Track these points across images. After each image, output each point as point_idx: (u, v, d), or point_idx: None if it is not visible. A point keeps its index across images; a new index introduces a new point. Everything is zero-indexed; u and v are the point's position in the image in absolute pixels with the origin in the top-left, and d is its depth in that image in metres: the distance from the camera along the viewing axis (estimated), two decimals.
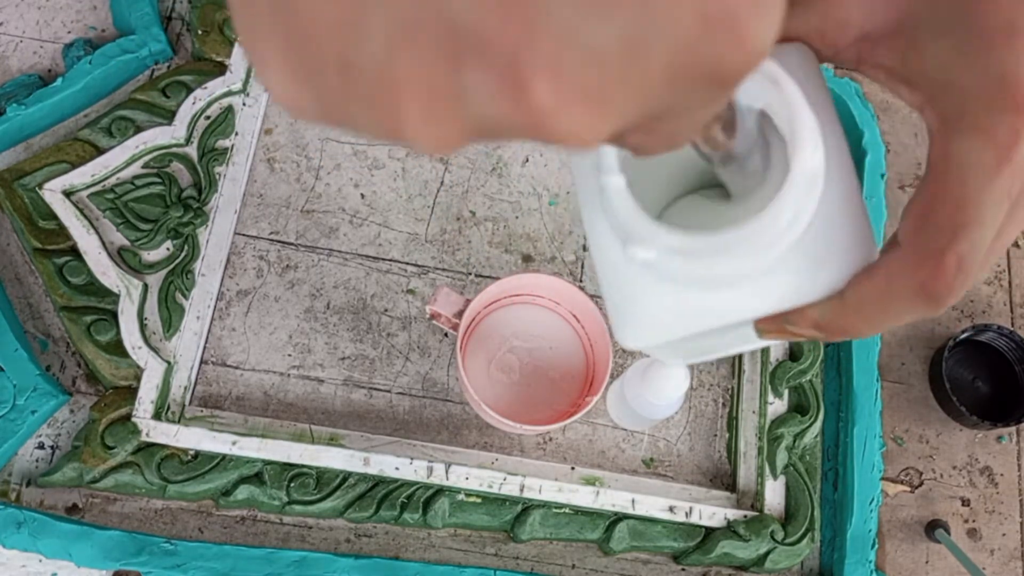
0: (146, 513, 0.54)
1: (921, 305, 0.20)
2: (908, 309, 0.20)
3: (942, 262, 0.19)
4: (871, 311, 0.21)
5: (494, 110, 0.13)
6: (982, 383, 0.63)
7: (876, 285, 0.21)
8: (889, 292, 0.20)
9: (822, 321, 0.22)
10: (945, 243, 0.19)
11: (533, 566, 0.55)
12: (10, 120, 0.58)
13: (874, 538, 0.56)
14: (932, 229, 0.19)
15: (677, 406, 0.53)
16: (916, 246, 0.20)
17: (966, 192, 0.19)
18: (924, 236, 0.20)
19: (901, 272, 0.20)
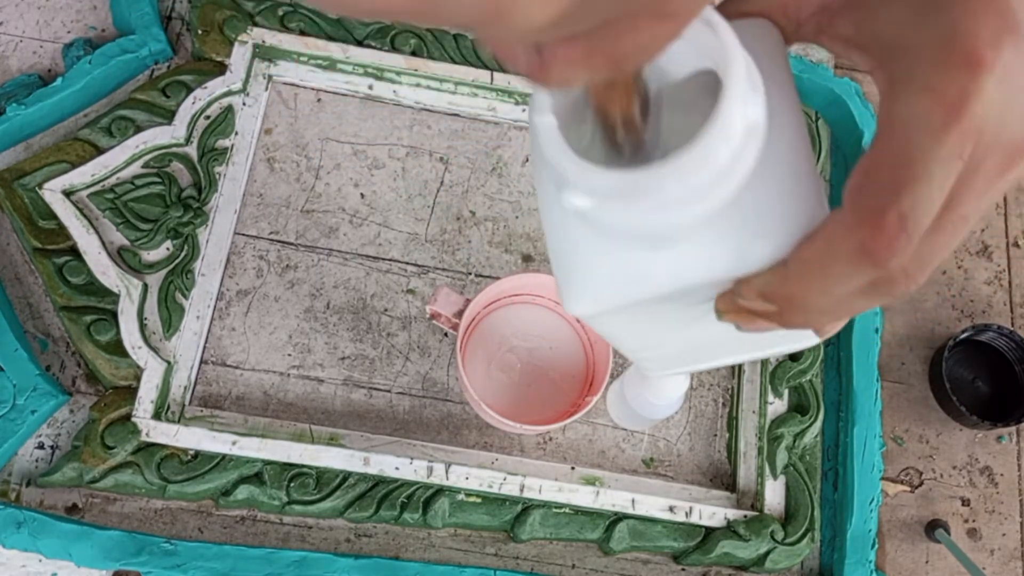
0: (146, 513, 0.54)
1: (863, 267, 0.19)
2: (851, 272, 0.19)
3: (882, 219, 0.18)
4: (813, 277, 0.20)
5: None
6: (982, 383, 0.63)
7: (816, 248, 0.20)
8: (829, 254, 0.20)
9: (767, 290, 0.21)
10: (886, 200, 0.18)
11: (533, 566, 0.55)
12: (10, 120, 0.58)
13: (874, 538, 0.56)
14: (873, 187, 0.19)
15: (677, 406, 0.53)
16: (856, 205, 0.19)
17: (910, 149, 0.18)
18: (864, 194, 0.19)
19: (841, 233, 0.19)
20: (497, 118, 0.64)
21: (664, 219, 0.20)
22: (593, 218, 0.21)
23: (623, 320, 0.25)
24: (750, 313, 0.22)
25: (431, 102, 0.64)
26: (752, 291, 0.21)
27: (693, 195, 0.19)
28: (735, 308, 0.22)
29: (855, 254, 0.19)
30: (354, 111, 0.64)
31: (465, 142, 0.64)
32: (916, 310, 0.64)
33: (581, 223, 0.22)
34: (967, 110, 0.17)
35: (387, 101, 0.64)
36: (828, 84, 0.65)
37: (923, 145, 0.18)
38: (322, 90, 0.64)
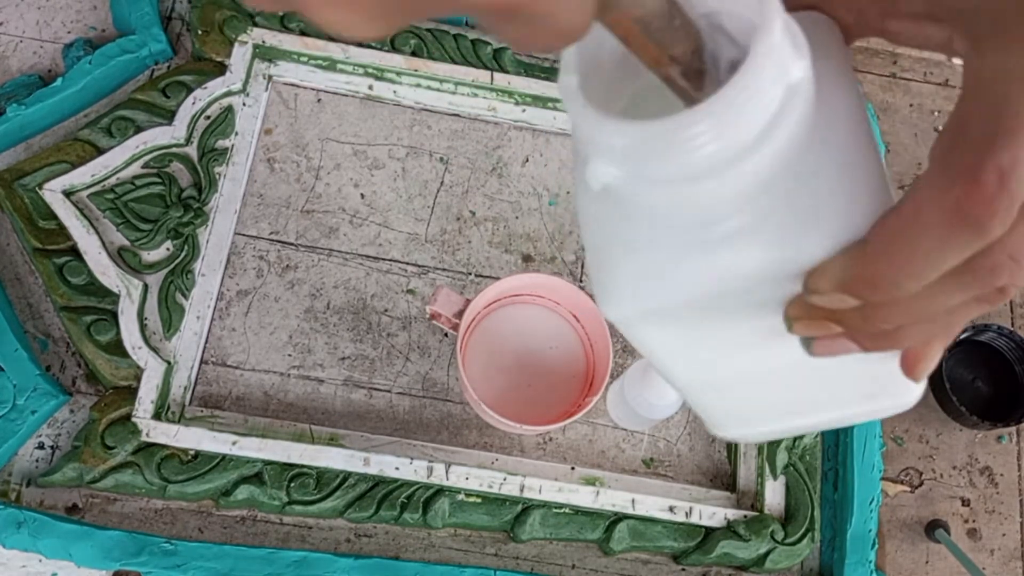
0: (146, 513, 0.54)
1: (961, 232, 0.16)
2: (947, 242, 0.16)
3: (979, 175, 0.16)
4: (902, 253, 0.17)
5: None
6: (982, 383, 0.63)
7: (903, 218, 0.17)
8: (919, 223, 0.17)
9: (846, 275, 0.18)
10: (981, 155, 0.16)
11: (533, 566, 0.55)
12: (10, 120, 0.58)
13: (874, 538, 0.56)
14: (965, 144, 0.16)
15: (677, 406, 0.53)
16: (947, 165, 0.16)
17: (1005, 101, 0.16)
18: (956, 153, 0.16)
19: (931, 197, 0.17)
20: (497, 118, 0.64)
21: (698, 186, 0.18)
22: (621, 194, 0.19)
23: (672, 333, 0.22)
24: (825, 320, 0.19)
25: (431, 102, 0.64)
26: (827, 280, 0.18)
27: (728, 152, 0.17)
28: (807, 312, 0.20)
29: (950, 217, 0.16)
30: (354, 111, 0.64)
31: (465, 142, 0.64)
32: None
33: (612, 209, 0.20)
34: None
35: (387, 101, 0.64)
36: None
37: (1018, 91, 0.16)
38: (322, 90, 0.64)
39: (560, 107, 0.64)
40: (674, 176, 0.18)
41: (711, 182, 0.18)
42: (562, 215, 0.63)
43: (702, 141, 0.17)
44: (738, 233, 0.18)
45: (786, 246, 0.18)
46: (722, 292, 0.19)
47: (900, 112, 0.70)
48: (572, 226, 0.63)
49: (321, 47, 0.62)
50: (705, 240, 0.19)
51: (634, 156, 0.18)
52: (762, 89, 0.17)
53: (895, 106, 0.70)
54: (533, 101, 0.64)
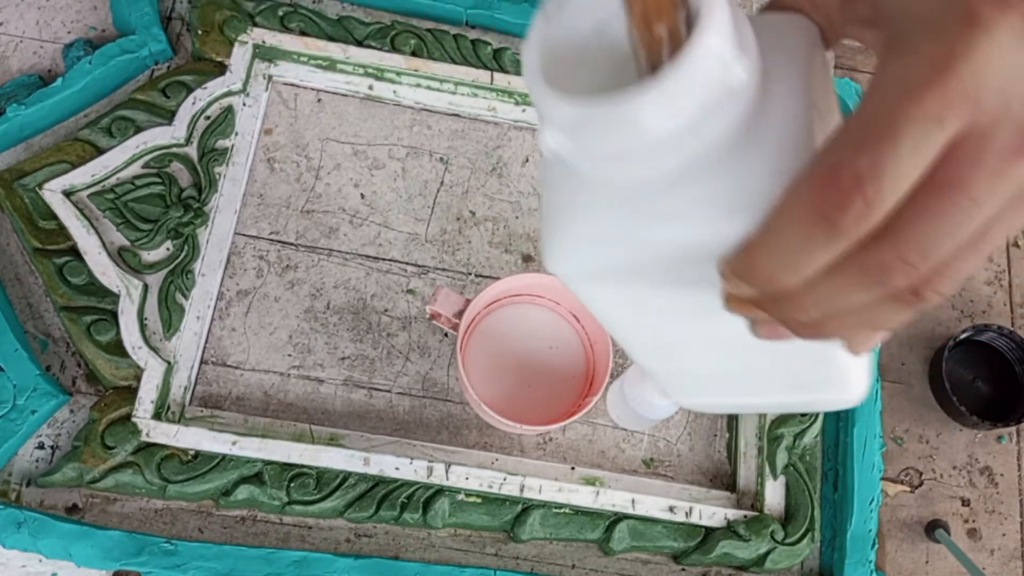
0: (146, 513, 0.54)
1: (816, 229, 0.17)
2: (807, 238, 0.17)
3: (837, 176, 0.16)
4: (770, 245, 0.18)
5: None
6: (982, 383, 0.63)
7: (774, 212, 0.18)
8: (784, 217, 0.18)
9: (735, 266, 0.19)
10: (845, 156, 0.16)
11: (533, 566, 0.55)
12: (10, 120, 0.58)
13: (874, 538, 0.56)
14: (839, 143, 0.17)
15: (677, 406, 0.52)
16: (818, 164, 0.17)
17: (880, 109, 0.16)
18: (829, 151, 0.17)
19: (798, 192, 0.17)
20: (497, 118, 0.64)
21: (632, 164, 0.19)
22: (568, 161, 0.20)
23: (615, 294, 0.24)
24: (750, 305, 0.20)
25: (431, 102, 0.64)
26: (724, 265, 0.20)
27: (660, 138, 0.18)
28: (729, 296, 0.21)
29: (807, 213, 0.17)
30: (354, 111, 0.64)
31: (465, 142, 0.64)
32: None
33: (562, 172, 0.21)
34: (952, 71, 0.16)
35: (387, 101, 0.64)
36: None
37: (895, 104, 0.16)
38: (322, 90, 0.64)
39: None
40: (611, 152, 0.19)
41: (644, 162, 0.19)
42: None
43: (634, 125, 0.18)
44: (669, 211, 0.20)
45: (705, 228, 0.19)
46: (658, 262, 0.21)
47: None
48: None
49: (321, 47, 0.62)
50: (641, 212, 0.20)
51: (576, 130, 0.19)
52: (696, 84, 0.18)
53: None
54: None
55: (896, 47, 0.17)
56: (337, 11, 0.65)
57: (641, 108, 0.18)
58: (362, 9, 0.65)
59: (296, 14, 0.63)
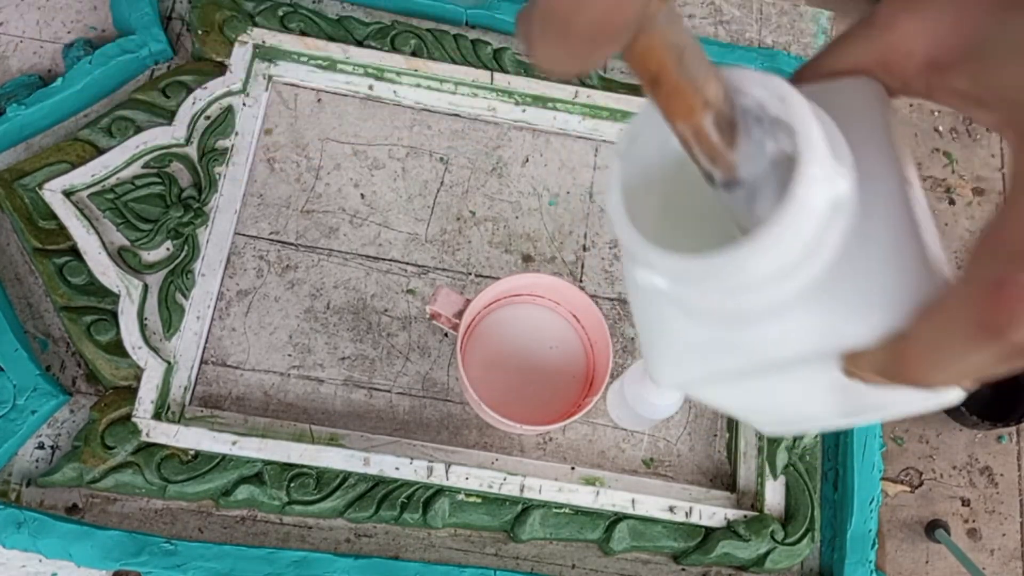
0: (146, 513, 0.54)
1: (984, 342, 0.17)
2: (971, 348, 0.17)
3: (1000, 291, 0.16)
4: (930, 354, 0.18)
5: None
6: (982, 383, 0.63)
7: (934, 323, 0.18)
8: (947, 330, 0.18)
9: (883, 368, 0.19)
10: (1005, 270, 0.16)
11: (533, 566, 0.55)
12: (10, 120, 0.58)
13: (874, 538, 0.56)
14: (993, 255, 0.17)
15: (677, 406, 0.53)
16: (975, 275, 0.17)
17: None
18: (984, 263, 0.17)
19: (958, 305, 0.17)
20: (497, 118, 0.64)
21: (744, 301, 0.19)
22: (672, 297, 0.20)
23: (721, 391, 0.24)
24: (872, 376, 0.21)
25: (431, 102, 0.64)
26: (864, 367, 0.20)
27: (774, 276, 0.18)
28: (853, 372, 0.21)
29: (973, 328, 0.17)
30: (354, 111, 0.64)
31: (465, 142, 0.64)
32: None
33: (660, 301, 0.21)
34: None
35: (387, 101, 0.64)
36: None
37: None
38: (322, 90, 0.64)
39: (560, 107, 0.64)
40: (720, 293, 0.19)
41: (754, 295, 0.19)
42: (562, 215, 0.63)
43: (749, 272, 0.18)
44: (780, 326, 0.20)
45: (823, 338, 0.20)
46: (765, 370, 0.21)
47: (900, 112, 0.71)
48: (572, 226, 0.63)
49: (321, 47, 0.62)
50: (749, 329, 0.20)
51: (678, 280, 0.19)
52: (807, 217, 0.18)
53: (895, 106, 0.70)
54: (533, 101, 0.64)
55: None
56: (337, 11, 0.65)
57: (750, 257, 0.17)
58: (362, 9, 0.65)
59: (296, 14, 0.63)
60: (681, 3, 0.71)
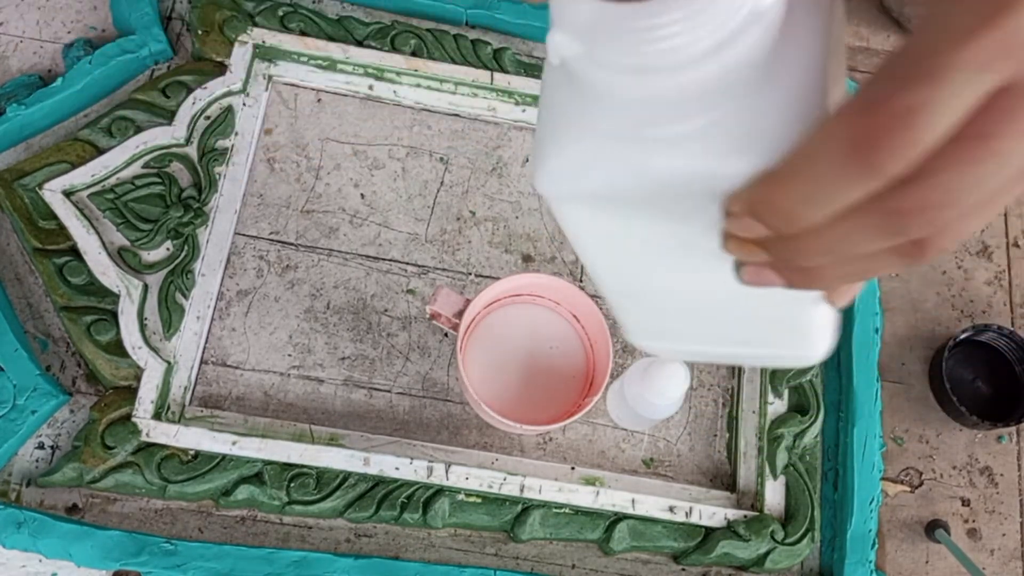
0: (146, 513, 0.54)
1: (852, 164, 0.16)
2: (841, 173, 0.17)
3: (879, 111, 0.16)
4: (799, 179, 0.17)
5: None
6: (982, 383, 0.63)
7: (808, 145, 0.17)
8: (819, 151, 0.17)
9: (753, 201, 0.19)
10: (889, 92, 0.16)
11: (533, 566, 0.55)
12: (10, 120, 0.58)
13: (874, 538, 0.56)
14: (883, 79, 0.16)
15: (677, 406, 0.53)
16: (858, 98, 0.17)
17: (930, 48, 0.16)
18: (870, 88, 0.17)
19: (836, 127, 0.17)
20: (497, 118, 0.64)
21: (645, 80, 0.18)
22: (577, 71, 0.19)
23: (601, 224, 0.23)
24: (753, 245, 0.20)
25: (431, 102, 0.64)
26: (738, 201, 0.19)
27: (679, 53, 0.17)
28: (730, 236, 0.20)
29: (846, 147, 0.16)
30: (354, 111, 0.64)
31: (465, 142, 0.64)
32: (916, 310, 0.64)
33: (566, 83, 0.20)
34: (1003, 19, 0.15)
35: (387, 101, 0.64)
36: None
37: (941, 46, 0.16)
38: (322, 90, 0.64)
39: None
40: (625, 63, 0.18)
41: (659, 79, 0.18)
42: None
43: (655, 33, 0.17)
44: (676, 138, 0.19)
45: (714, 161, 0.19)
46: (653, 193, 0.20)
47: None
48: None
49: (321, 47, 0.62)
50: (646, 137, 0.19)
51: (592, 32, 0.18)
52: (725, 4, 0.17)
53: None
54: (533, 101, 0.64)
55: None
56: (337, 11, 0.65)
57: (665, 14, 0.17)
58: (362, 9, 0.65)
59: (296, 14, 0.63)
60: None
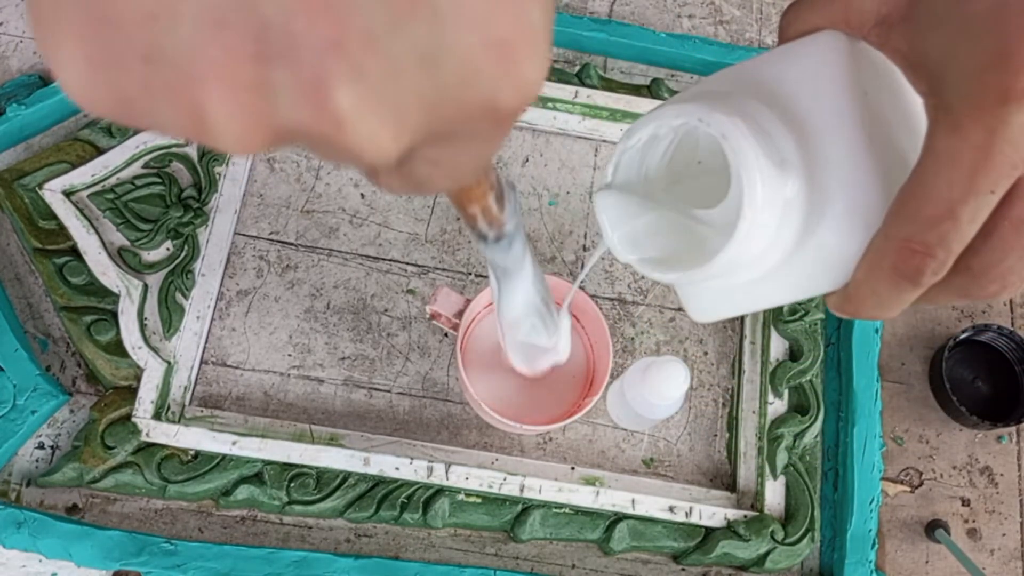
0: (146, 513, 0.54)
1: (903, 285, 0.21)
2: (895, 289, 0.21)
3: (911, 248, 0.20)
4: (866, 295, 0.22)
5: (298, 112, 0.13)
6: (982, 383, 0.63)
7: (863, 272, 0.22)
8: (873, 276, 0.22)
9: (839, 307, 0.24)
10: (914, 233, 0.20)
11: (533, 566, 0.55)
12: (10, 120, 0.58)
13: (874, 538, 0.56)
14: (903, 212, 0.21)
15: (677, 406, 0.53)
16: (888, 229, 0.21)
17: (939, 187, 0.19)
18: (898, 224, 0.21)
19: (878, 257, 0.22)
20: None
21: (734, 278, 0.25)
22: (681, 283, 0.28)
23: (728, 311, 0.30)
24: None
25: None
26: (831, 307, 0.25)
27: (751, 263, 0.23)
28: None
29: (892, 274, 0.21)
30: None
31: None
32: (916, 310, 0.64)
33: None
34: (995, 150, 0.18)
35: None
36: None
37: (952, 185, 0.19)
38: None
39: (560, 107, 0.64)
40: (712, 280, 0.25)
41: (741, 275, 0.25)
42: (562, 215, 0.63)
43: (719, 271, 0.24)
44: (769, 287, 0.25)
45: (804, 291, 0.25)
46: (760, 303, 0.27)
47: None
48: (572, 226, 0.63)
49: None
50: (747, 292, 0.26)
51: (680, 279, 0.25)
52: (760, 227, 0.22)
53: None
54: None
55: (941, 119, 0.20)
56: None
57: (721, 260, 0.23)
58: None
59: None
60: (681, 3, 0.71)
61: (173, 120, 0.14)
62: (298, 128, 0.14)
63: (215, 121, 0.14)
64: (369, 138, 0.14)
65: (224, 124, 0.14)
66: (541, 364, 0.47)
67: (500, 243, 0.30)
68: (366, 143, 0.14)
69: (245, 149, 0.14)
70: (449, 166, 0.18)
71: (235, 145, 0.14)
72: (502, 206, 0.28)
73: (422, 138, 0.15)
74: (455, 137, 0.16)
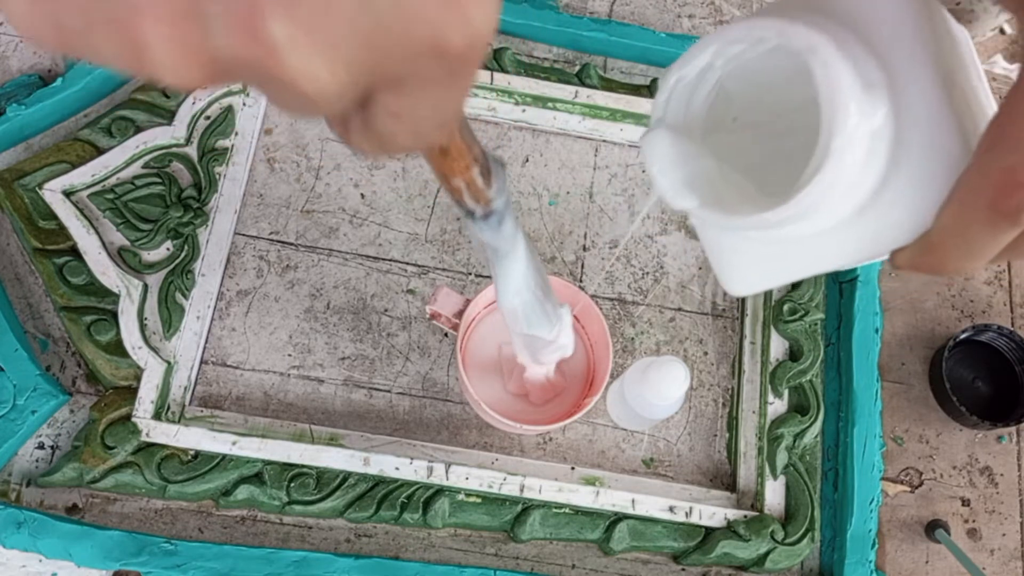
0: (146, 513, 0.54)
1: (999, 225, 0.19)
2: (990, 233, 0.19)
3: (1011, 176, 0.18)
4: (955, 242, 0.20)
5: (231, 40, 0.13)
6: (982, 383, 0.63)
7: (952, 214, 0.20)
8: (964, 218, 0.19)
9: (917, 263, 0.21)
10: (1014, 157, 0.18)
11: (533, 566, 0.55)
12: (10, 120, 0.58)
13: (874, 538, 0.56)
14: (1001, 144, 0.18)
15: (677, 406, 0.53)
16: (983, 164, 0.19)
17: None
18: (992, 153, 0.19)
19: (971, 194, 0.19)
20: (497, 118, 0.64)
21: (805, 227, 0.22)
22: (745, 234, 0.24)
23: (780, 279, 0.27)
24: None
25: None
26: (902, 261, 0.22)
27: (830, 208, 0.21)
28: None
29: (988, 213, 0.19)
30: None
31: None
32: (916, 310, 0.64)
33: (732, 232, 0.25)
34: None
35: None
36: None
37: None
38: None
39: (560, 107, 0.64)
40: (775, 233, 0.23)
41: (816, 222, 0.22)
42: (562, 215, 0.63)
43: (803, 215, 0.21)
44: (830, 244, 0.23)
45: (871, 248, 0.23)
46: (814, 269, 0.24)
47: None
48: (572, 226, 0.63)
49: None
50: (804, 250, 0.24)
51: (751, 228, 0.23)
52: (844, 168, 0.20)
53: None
54: (533, 101, 0.64)
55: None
56: None
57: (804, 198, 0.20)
58: None
59: None
60: (681, 3, 0.71)
61: (113, 50, 0.14)
62: (233, 58, 0.14)
63: (152, 51, 0.14)
64: (304, 69, 0.14)
65: (161, 54, 0.14)
66: (546, 358, 0.47)
67: (489, 220, 0.29)
68: (302, 74, 0.14)
69: (183, 81, 0.14)
70: (410, 119, 0.17)
71: (173, 76, 0.14)
72: (488, 181, 0.27)
73: (367, 77, 0.15)
74: (406, 82, 0.16)
